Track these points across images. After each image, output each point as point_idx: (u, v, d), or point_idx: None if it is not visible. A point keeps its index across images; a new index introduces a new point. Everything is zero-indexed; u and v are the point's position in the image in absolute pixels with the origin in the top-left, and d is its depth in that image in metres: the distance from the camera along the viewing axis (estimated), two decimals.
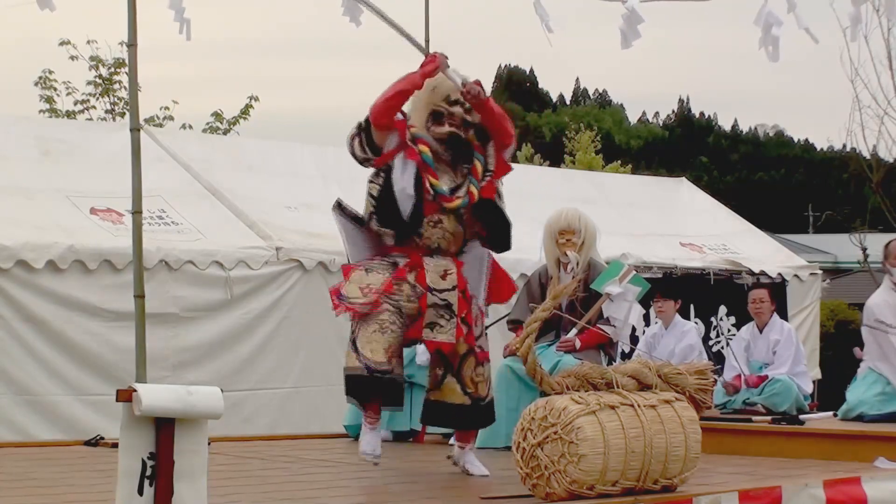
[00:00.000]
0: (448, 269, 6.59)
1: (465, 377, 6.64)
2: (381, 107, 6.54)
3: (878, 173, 18.45)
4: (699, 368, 6.29)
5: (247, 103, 20.19)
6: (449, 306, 6.54)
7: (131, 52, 8.01)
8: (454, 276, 6.59)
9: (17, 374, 9.36)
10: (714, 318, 13.47)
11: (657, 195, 15.43)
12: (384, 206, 6.54)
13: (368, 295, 6.43)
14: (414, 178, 6.51)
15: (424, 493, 6.22)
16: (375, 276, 6.51)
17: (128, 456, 4.41)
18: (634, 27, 7.28)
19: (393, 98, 6.55)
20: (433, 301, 6.52)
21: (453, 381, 6.65)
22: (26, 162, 10.59)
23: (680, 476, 5.82)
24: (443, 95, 6.61)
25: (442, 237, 6.61)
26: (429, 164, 6.54)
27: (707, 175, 54.78)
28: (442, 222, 6.59)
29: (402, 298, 6.48)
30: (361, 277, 6.51)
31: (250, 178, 11.66)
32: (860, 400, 8.56)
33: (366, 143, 6.61)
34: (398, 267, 6.54)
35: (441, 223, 6.59)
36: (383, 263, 6.58)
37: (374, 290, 6.44)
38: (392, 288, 6.47)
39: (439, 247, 6.61)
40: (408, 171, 6.53)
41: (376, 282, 6.47)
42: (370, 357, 6.38)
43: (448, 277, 6.57)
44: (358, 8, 7.84)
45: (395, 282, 6.48)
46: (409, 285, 6.51)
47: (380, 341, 6.40)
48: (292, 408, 10.57)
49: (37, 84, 19.57)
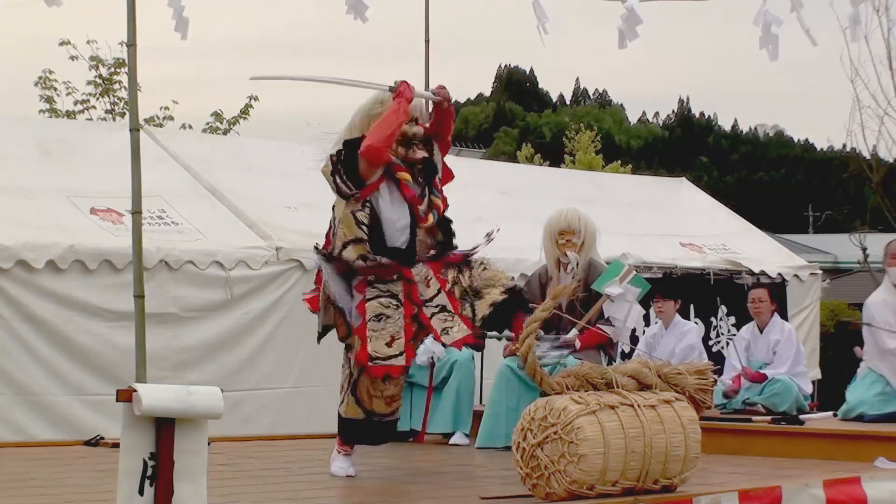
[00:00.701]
0: (427, 276, 6.58)
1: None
2: (384, 144, 6.47)
3: (878, 173, 18.44)
4: (699, 368, 6.29)
5: (247, 103, 20.17)
6: (445, 308, 6.54)
7: (131, 52, 8.02)
8: (434, 280, 6.58)
9: (17, 374, 9.35)
10: (714, 318, 13.47)
11: (657, 195, 15.43)
12: (377, 236, 6.47)
13: (397, 344, 6.35)
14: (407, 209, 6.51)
15: (424, 493, 6.22)
16: (390, 322, 6.40)
17: (128, 456, 4.41)
18: (633, 27, 7.28)
19: (393, 134, 6.48)
20: (431, 312, 6.51)
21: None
22: (26, 162, 10.58)
23: (680, 476, 5.83)
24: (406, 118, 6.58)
25: (420, 249, 6.63)
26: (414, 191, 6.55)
27: (707, 175, 54.78)
28: (418, 235, 6.61)
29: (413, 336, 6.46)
30: (379, 330, 6.38)
31: (250, 178, 11.66)
32: (860, 400, 8.56)
33: (346, 178, 6.54)
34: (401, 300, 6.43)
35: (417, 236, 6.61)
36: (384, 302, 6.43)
37: (399, 338, 6.36)
38: (410, 330, 6.43)
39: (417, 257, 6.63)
40: (396, 202, 6.51)
41: (397, 328, 6.38)
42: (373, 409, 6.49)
43: (430, 283, 6.57)
44: (362, 4, 7.85)
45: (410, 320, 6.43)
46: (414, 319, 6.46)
47: (383, 395, 6.48)
48: (292, 408, 10.56)
49: (37, 84, 19.56)
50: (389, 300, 6.42)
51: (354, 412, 6.51)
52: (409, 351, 6.41)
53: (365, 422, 6.52)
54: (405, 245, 6.50)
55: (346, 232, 6.50)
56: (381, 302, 6.41)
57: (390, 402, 6.52)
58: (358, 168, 6.50)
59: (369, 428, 6.55)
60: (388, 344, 6.34)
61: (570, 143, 29.53)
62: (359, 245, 6.45)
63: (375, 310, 6.40)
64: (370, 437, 6.64)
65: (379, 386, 6.43)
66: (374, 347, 6.33)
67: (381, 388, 6.44)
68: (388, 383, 6.43)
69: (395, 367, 6.35)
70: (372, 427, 6.55)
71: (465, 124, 61.63)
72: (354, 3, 7.87)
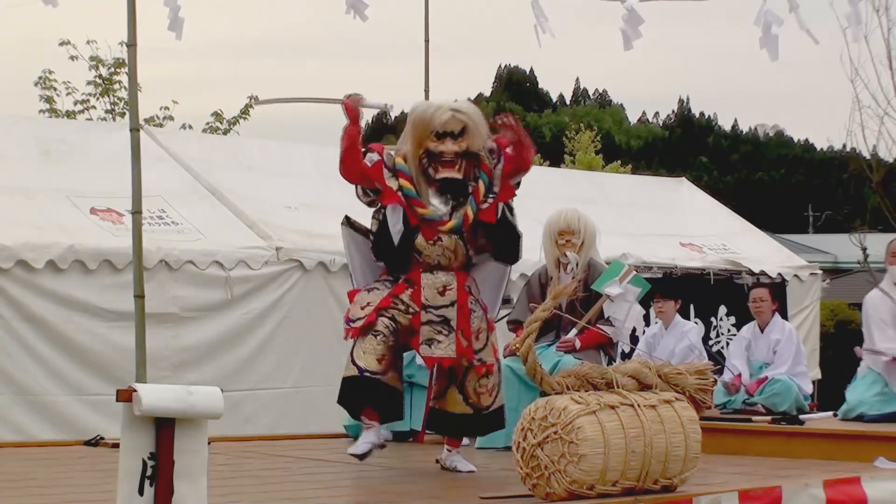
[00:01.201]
0: (448, 284, 6.63)
1: (467, 388, 6.73)
2: (342, 167, 6.67)
3: (878, 173, 18.40)
4: (699, 368, 6.29)
5: (246, 103, 20.18)
6: (447, 321, 6.59)
7: (131, 52, 8.02)
8: (454, 291, 6.62)
9: (17, 374, 9.36)
10: (714, 318, 13.47)
11: (657, 195, 15.43)
12: (379, 241, 6.64)
13: (367, 310, 6.56)
14: (402, 215, 6.58)
15: (424, 493, 6.22)
16: (375, 294, 6.64)
17: (128, 456, 4.41)
18: (635, 27, 7.29)
19: (345, 155, 6.61)
20: (428, 318, 6.58)
21: (455, 391, 6.75)
22: (26, 162, 10.59)
23: (680, 476, 5.82)
24: (429, 132, 6.58)
25: (441, 255, 6.65)
26: (412, 196, 6.59)
27: (707, 175, 54.82)
28: (441, 240, 6.62)
29: (397, 312, 6.57)
30: (363, 297, 6.66)
31: (250, 178, 11.66)
32: (860, 400, 8.55)
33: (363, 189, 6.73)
34: (397, 283, 6.64)
35: (440, 241, 6.63)
36: (384, 282, 6.70)
37: (372, 305, 6.57)
38: (389, 302, 6.58)
39: (439, 263, 6.65)
40: (395, 207, 6.59)
41: (375, 299, 6.60)
42: (363, 364, 6.48)
43: (447, 293, 6.61)
44: (362, 3, 7.85)
45: (392, 297, 6.59)
46: (403, 303, 6.59)
47: (373, 351, 6.49)
48: (292, 408, 10.57)
49: (37, 84, 19.56)
50: (387, 282, 6.68)
51: (349, 371, 6.56)
52: (373, 315, 6.52)
53: (359, 378, 6.49)
54: (397, 249, 6.58)
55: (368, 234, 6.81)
56: (381, 282, 6.70)
57: (381, 359, 6.50)
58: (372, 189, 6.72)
59: (363, 384, 6.47)
60: (361, 308, 6.59)
61: (570, 143, 29.56)
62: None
63: (373, 285, 6.70)
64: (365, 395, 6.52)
65: (369, 342, 6.49)
66: (351, 311, 6.66)
67: (372, 343, 6.49)
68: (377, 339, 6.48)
69: (354, 328, 6.53)
70: (365, 383, 6.47)
71: None
72: (354, 2, 7.87)
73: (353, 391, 6.54)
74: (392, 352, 6.56)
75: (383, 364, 6.51)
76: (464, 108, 6.63)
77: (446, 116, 6.54)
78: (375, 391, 6.51)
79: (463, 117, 6.58)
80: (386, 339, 6.51)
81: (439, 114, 6.55)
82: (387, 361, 6.52)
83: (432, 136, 6.55)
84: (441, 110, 6.57)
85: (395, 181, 6.60)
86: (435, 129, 6.55)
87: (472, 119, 6.60)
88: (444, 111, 6.56)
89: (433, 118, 6.55)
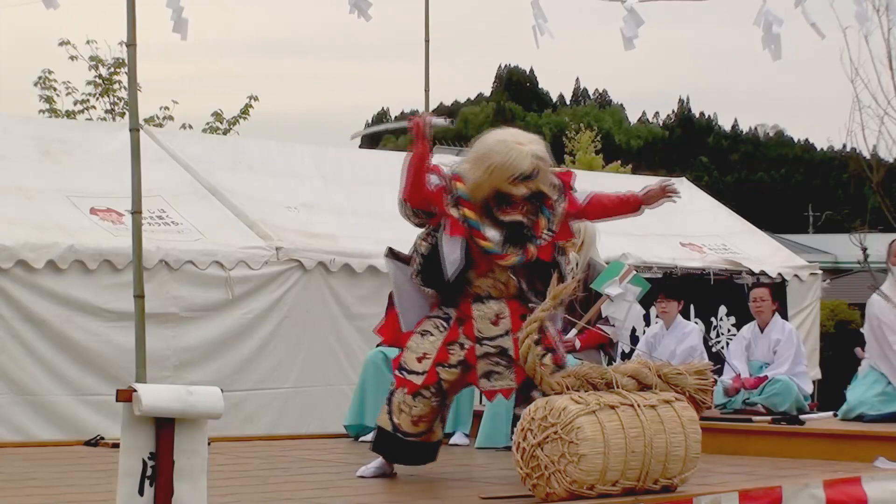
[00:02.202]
0: (500, 313, 6.41)
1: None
2: (409, 191, 6.36)
3: (878, 173, 18.39)
4: (699, 369, 6.28)
5: (247, 103, 20.18)
6: (504, 352, 6.36)
7: (131, 52, 8.01)
8: (507, 320, 6.39)
9: (17, 374, 9.36)
10: (714, 318, 13.47)
11: None
12: (429, 267, 6.39)
13: (424, 363, 6.37)
14: (461, 245, 6.32)
15: (424, 493, 6.22)
16: (430, 340, 6.40)
17: (128, 456, 4.42)
18: (635, 28, 7.29)
19: (415, 179, 6.33)
20: (483, 352, 6.37)
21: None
22: (26, 162, 10.58)
23: (680, 476, 5.82)
24: (507, 176, 6.27)
25: (493, 286, 6.44)
26: (476, 228, 6.31)
27: (707, 175, 54.81)
28: (493, 272, 6.41)
29: (454, 362, 6.38)
30: (417, 344, 6.42)
31: (250, 178, 11.66)
32: (860, 400, 8.55)
33: (413, 210, 6.47)
34: (450, 325, 6.40)
35: (492, 272, 6.41)
36: (436, 322, 6.44)
37: (430, 357, 6.36)
38: (446, 354, 6.38)
39: (490, 294, 6.45)
40: (458, 239, 6.32)
41: (431, 349, 6.38)
42: (398, 422, 6.44)
43: (501, 322, 6.39)
44: (365, 2, 7.84)
45: (448, 346, 6.38)
46: (458, 345, 6.38)
47: (409, 411, 6.40)
48: (292, 408, 10.57)
49: (36, 84, 19.57)
50: (440, 321, 6.43)
51: (384, 422, 6.50)
52: (432, 374, 6.35)
53: (391, 435, 6.48)
54: (450, 279, 6.35)
55: (413, 257, 6.49)
56: (433, 321, 6.45)
57: (417, 421, 6.41)
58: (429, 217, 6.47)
59: (394, 443, 6.49)
60: (419, 360, 6.38)
61: (570, 143, 29.53)
62: (416, 277, 6.45)
63: (425, 326, 6.45)
64: (394, 452, 6.55)
65: (408, 401, 6.39)
66: (406, 358, 6.43)
67: (411, 403, 6.39)
68: (417, 400, 6.38)
69: (411, 382, 6.36)
70: (396, 443, 6.48)
71: (465, 124, 61.61)
72: (358, 2, 7.86)
73: (384, 443, 6.53)
74: (434, 411, 6.47)
75: (420, 426, 6.43)
76: (541, 151, 6.35)
77: (527, 164, 6.25)
78: (403, 450, 6.51)
79: (541, 163, 6.33)
80: (428, 400, 6.40)
81: (521, 161, 6.24)
82: (425, 422, 6.44)
83: (510, 180, 6.29)
84: (523, 156, 6.25)
85: (456, 210, 6.34)
86: (514, 176, 6.28)
87: (546, 161, 6.37)
88: (525, 157, 6.25)
89: (515, 165, 6.25)
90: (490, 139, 6.40)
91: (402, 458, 6.58)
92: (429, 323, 6.46)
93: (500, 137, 6.40)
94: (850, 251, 21.03)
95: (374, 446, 6.60)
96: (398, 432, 6.44)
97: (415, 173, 6.36)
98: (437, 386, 6.39)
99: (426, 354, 6.38)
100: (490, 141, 6.40)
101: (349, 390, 9.63)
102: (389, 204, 12.36)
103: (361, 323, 10.88)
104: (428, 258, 6.40)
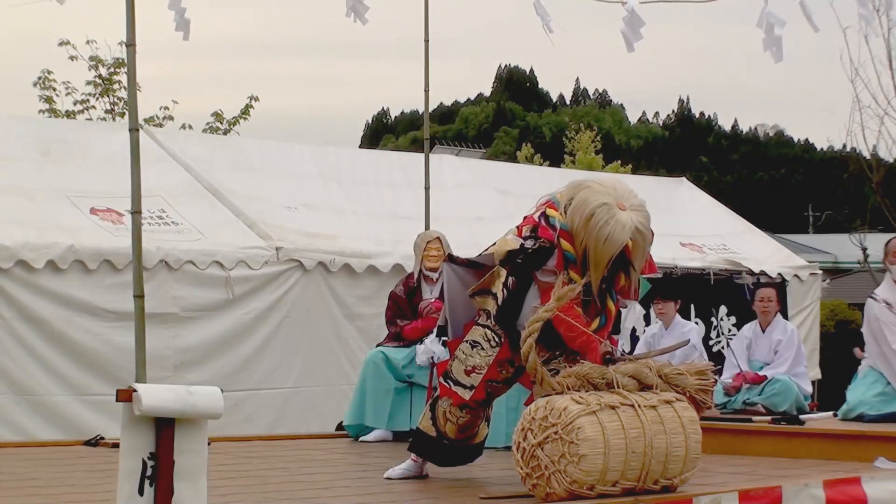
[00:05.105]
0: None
1: None
2: (561, 331, 6.00)
3: (878, 173, 18.44)
4: (699, 369, 6.28)
5: (247, 103, 20.17)
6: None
7: (130, 52, 8.01)
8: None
9: (17, 374, 9.36)
10: (714, 318, 13.47)
11: (657, 195, 15.38)
12: (509, 310, 6.20)
13: (473, 377, 6.28)
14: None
15: (424, 493, 6.22)
16: (480, 354, 6.28)
17: (128, 456, 4.41)
18: (636, 29, 7.29)
19: (577, 342, 5.99)
20: None
21: None
22: (26, 162, 10.58)
23: (680, 476, 5.82)
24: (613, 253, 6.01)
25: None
26: (571, 260, 6.04)
27: (707, 175, 54.77)
28: None
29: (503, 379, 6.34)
30: (466, 357, 6.32)
31: (250, 178, 11.66)
32: (860, 400, 8.55)
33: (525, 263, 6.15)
34: (502, 341, 6.24)
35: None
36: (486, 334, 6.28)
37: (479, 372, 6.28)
38: (497, 373, 6.31)
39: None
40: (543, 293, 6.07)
41: (482, 363, 6.28)
42: (442, 429, 6.46)
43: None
44: (362, 5, 7.84)
45: (497, 363, 6.29)
46: (509, 363, 6.27)
47: (455, 421, 6.42)
48: (292, 408, 10.57)
49: (36, 84, 19.55)
50: (490, 333, 6.30)
51: (427, 428, 6.53)
52: (481, 391, 6.31)
53: (435, 441, 6.51)
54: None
55: (489, 280, 6.28)
56: (483, 331, 6.32)
57: (462, 429, 6.46)
58: (539, 266, 6.13)
59: (439, 448, 6.52)
60: (467, 372, 6.32)
61: (570, 143, 29.53)
62: (487, 299, 6.26)
63: (475, 335, 6.34)
64: (439, 456, 6.59)
65: (455, 412, 6.39)
66: (453, 367, 6.37)
67: (458, 414, 6.40)
68: (463, 412, 6.38)
69: (457, 395, 6.33)
70: (440, 447, 6.52)
71: (465, 124, 61.65)
72: (354, 5, 7.87)
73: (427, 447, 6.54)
74: (480, 418, 6.49)
75: (464, 434, 6.47)
76: (647, 225, 6.15)
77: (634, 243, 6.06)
78: (449, 454, 6.55)
79: (643, 241, 6.15)
80: (475, 411, 6.42)
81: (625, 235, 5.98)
82: (470, 430, 6.48)
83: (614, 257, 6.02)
84: (637, 234, 6.05)
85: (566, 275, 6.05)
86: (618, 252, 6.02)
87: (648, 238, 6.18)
88: (637, 234, 6.04)
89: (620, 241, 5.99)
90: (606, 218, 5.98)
91: (448, 461, 6.64)
92: (478, 332, 6.33)
93: (615, 216, 5.99)
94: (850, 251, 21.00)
95: (416, 449, 6.60)
96: (444, 439, 6.48)
97: (581, 344, 5.99)
98: (486, 400, 6.42)
99: (476, 368, 6.29)
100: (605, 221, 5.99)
101: (349, 390, 9.64)
102: (389, 204, 12.45)
103: (361, 323, 10.88)
104: (509, 300, 6.21)
